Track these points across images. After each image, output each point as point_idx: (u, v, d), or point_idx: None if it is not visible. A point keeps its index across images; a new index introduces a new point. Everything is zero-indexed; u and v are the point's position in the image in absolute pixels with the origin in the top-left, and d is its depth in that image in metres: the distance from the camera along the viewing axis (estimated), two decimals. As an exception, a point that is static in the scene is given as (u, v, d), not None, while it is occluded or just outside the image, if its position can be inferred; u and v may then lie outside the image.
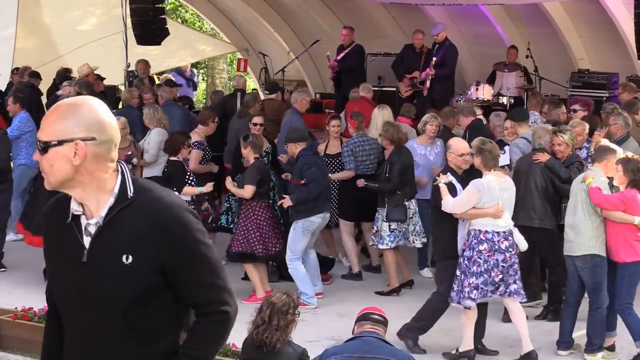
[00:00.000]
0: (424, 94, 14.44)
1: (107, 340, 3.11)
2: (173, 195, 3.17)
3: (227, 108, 14.11)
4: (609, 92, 14.41)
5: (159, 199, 3.09)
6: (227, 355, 7.66)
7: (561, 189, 8.88)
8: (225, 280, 3.18)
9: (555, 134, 9.03)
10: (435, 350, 8.26)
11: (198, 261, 3.10)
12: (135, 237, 3.04)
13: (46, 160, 3.04)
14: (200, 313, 3.15)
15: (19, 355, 8.28)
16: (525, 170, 9.08)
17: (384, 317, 5.68)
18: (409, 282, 10.18)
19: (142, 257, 3.04)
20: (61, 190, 3.13)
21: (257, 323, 5.86)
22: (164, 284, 3.09)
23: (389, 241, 9.83)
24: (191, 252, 3.08)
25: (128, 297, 3.05)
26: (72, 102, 3.10)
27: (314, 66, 19.57)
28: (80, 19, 18.42)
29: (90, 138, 3.02)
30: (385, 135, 10.03)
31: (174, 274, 3.08)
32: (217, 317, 3.15)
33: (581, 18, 15.36)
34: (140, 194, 3.09)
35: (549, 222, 8.98)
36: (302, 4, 18.84)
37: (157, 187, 3.17)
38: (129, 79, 15.47)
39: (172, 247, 3.05)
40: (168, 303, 3.12)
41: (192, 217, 3.12)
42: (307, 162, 9.51)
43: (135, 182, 3.13)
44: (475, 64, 17.01)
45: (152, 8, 15.12)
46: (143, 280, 3.05)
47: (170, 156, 9.77)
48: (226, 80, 28.20)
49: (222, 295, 3.15)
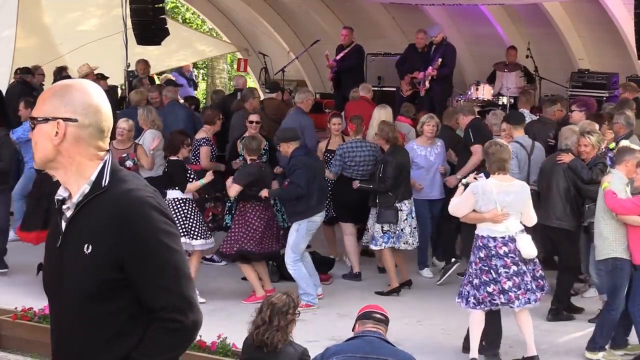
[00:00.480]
0: (421, 94, 14.44)
1: (73, 332, 3.03)
2: (146, 191, 3.03)
3: (227, 108, 14.12)
4: (609, 92, 14.42)
5: (128, 191, 2.99)
6: (227, 355, 7.67)
7: (583, 190, 8.95)
8: (187, 288, 3.00)
9: (583, 135, 9.07)
10: (435, 350, 8.25)
11: (155, 262, 2.95)
12: (96, 227, 2.96)
13: (33, 136, 3.05)
14: (153, 317, 2.99)
15: (19, 355, 8.28)
16: (548, 170, 9.15)
17: (386, 316, 5.67)
18: (407, 282, 10.18)
19: (100, 248, 2.95)
20: (46, 169, 3.13)
21: (257, 323, 5.86)
22: (124, 282, 2.96)
23: (382, 242, 9.84)
24: (149, 250, 2.94)
25: (86, 289, 2.96)
26: (66, 83, 3.11)
27: (314, 66, 19.57)
28: (80, 19, 18.43)
29: (73, 119, 3.00)
30: (381, 134, 10.05)
31: (129, 271, 2.95)
32: (167, 325, 2.97)
33: (581, 18, 15.35)
34: (114, 185, 3.01)
35: (568, 223, 8.99)
36: (302, 4, 18.84)
37: (136, 181, 3.07)
38: (129, 79, 15.47)
39: (129, 242, 2.93)
40: (130, 304, 2.99)
41: (160, 216, 2.99)
42: (295, 164, 9.52)
43: (116, 173, 3.05)
44: (475, 64, 17.01)
45: (152, 8, 15.12)
46: (100, 274, 2.94)
47: (170, 156, 9.78)
48: (226, 80, 28.21)
49: (178, 302, 2.97)
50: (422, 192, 10.53)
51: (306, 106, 12.00)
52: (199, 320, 3.03)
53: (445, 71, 14.43)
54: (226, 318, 8.84)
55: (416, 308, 9.47)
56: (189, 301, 3.00)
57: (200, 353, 7.66)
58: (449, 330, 8.65)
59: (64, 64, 16.17)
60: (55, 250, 3.06)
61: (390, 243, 9.85)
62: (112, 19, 16.88)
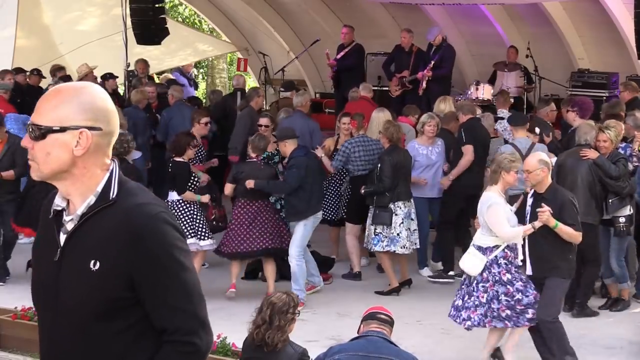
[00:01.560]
0: (419, 93, 14.43)
1: (73, 350, 2.81)
2: (158, 206, 2.82)
3: (227, 107, 14.13)
4: (609, 92, 14.44)
5: (139, 206, 2.77)
6: (227, 355, 7.66)
7: (611, 185, 9.02)
8: (201, 309, 2.83)
9: (602, 131, 9.14)
10: (435, 350, 8.25)
11: (169, 280, 2.76)
12: (105, 242, 2.75)
13: (42, 147, 2.75)
14: (166, 340, 2.79)
15: (18, 355, 8.27)
16: (571, 165, 9.15)
17: (391, 318, 5.66)
18: (407, 281, 10.18)
19: (109, 265, 2.74)
20: (50, 181, 2.84)
21: (257, 323, 5.86)
22: (133, 301, 2.77)
23: (373, 244, 9.87)
24: (162, 268, 2.75)
25: (92, 307, 2.75)
26: (75, 86, 2.84)
27: (314, 66, 19.58)
28: (80, 19, 18.44)
29: (97, 128, 2.77)
30: (385, 133, 10.04)
31: (142, 290, 2.75)
32: (182, 348, 2.78)
33: (581, 18, 15.36)
34: (123, 197, 2.79)
35: (592, 217, 9.01)
36: (302, 4, 18.84)
37: (146, 194, 2.86)
38: (129, 79, 15.47)
39: (141, 259, 2.73)
40: (138, 323, 2.79)
41: (174, 231, 2.80)
42: (294, 164, 9.54)
43: (123, 184, 2.84)
44: (475, 64, 17.02)
45: (152, 8, 15.13)
46: (108, 292, 2.74)
47: (175, 157, 9.78)
48: (226, 80, 28.23)
49: (193, 324, 2.80)
50: (422, 191, 10.53)
51: (306, 108, 12.03)
52: (212, 342, 2.88)
53: (443, 72, 14.41)
54: (226, 318, 8.83)
55: (416, 308, 9.47)
56: (204, 323, 2.83)
57: (200, 353, 7.65)
58: (449, 330, 8.64)
59: (64, 64, 16.18)
60: (51, 263, 2.83)
61: (380, 247, 9.84)
62: (111, 18, 16.90)
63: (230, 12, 20.73)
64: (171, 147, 10.05)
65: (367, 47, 16.11)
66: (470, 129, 10.52)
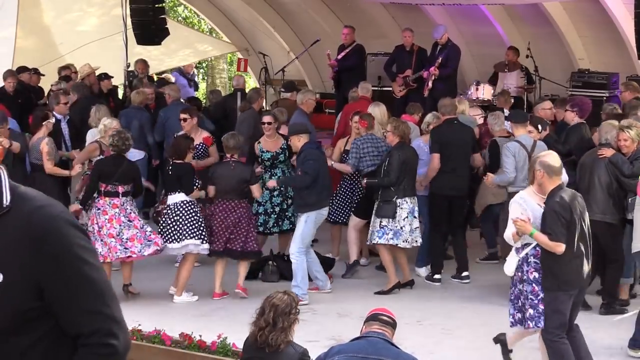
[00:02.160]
0: (425, 94, 14.42)
1: None
2: (57, 207, 2.69)
3: (227, 108, 14.12)
4: (609, 92, 14.43)
5: (38, 209, 2.63)
6: (227, 355, 7.66)
7: (625, 183, 9.02)
8: (114, 308, 2.71)
9: (622, 130, 9.13)
10: (435, 350, 8.25)
11: (78, 282, 2.63)
12: (6, 252, 2.58)
13: None
14: (82, 344, 2.66)
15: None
16: (589, 164, 9.20)
17: (393, 320, 5.63)
18: (409, 282, 10.17)
19: (14, 276, 2.58)
20: None
21: (260, 325, 5.83)
22: (43, 310, 2.64)
23: (377, 237, 9.85)
24: (69, 270, 2.61)
25: (1, 324, 2.60)
26: None
27: (314, 66, 19.58)
28: (80, 19, 18.44)
29: None
30: (396, 131, 10.00)
31: (51, 295, 2.61)
32: (99, 350, 2.66)
33: (581, 18, 15.36)
34: (18, 203, 2.64)
35: (610, 216, 9.03)
36: (302, 4, 18.84)
37: (42, 197, 2.71)
38: (129, 79, 15.47)
39: (46, 264, 2.59)
40: (50, 332, 2.67)
41: (77, 231, 2.67)
42: (309, 156, 9.60)
43: (15, 189, 2.67)
44: (475, 64, 17.02)
45: (152, 8, 15.14)
46: (16, 305, 2.59)
47: (175, 160, 9.78)
48: (226, 80, 28.23)
49: (108, 325, 2.67)
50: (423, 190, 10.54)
51: (307, 107, 12.00)
52: (130, 341, 2.76)
53: (447, 71, 14.41)
54: (226, 318, 8.83)
55: (416, 308, 9.46)
56: (120, 323, 2.72)
57: (200, 353, 7.67)
58: (449, 330, 8.64)
59: (64, 64, 16.18)
60: None
61: (384, 239, 9.85)
62: (112, 18, 16.91)
63: (230, 12, 20.73)
64: (172, 152, 10.04)
65: (367, 47, 16.11)
66: (436, 134, 10.40)
